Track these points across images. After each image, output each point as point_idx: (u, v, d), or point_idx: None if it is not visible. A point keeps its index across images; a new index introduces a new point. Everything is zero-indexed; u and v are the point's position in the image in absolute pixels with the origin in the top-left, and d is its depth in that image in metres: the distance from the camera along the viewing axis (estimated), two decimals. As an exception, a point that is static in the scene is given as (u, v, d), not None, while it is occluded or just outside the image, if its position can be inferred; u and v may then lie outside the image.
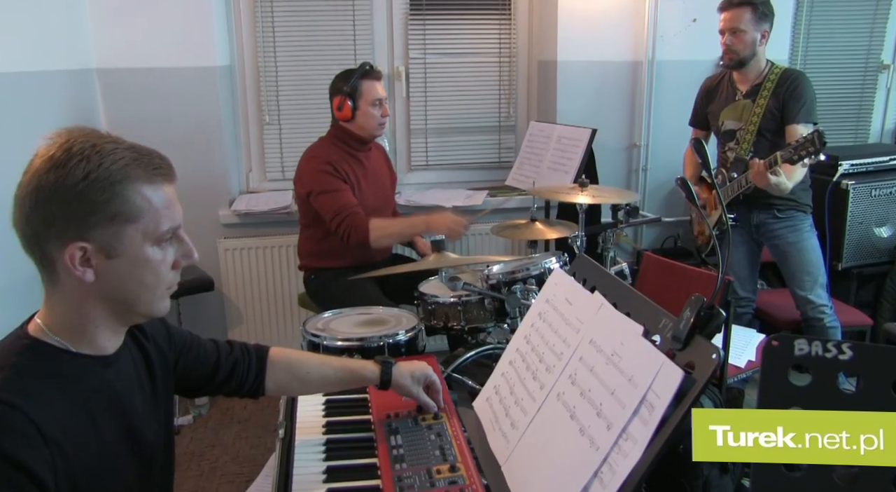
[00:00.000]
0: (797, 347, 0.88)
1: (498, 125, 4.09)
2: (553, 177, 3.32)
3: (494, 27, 3.96)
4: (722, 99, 3.20)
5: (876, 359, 0.85)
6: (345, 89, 2.86)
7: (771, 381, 0.89)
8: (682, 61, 3.92)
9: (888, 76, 4.40)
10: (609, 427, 1.09)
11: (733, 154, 3.13)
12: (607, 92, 3.91)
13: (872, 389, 0.85)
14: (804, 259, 3.09)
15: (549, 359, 1.36)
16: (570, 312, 1.39)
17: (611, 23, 3.82)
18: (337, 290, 2.92)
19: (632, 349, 1.13)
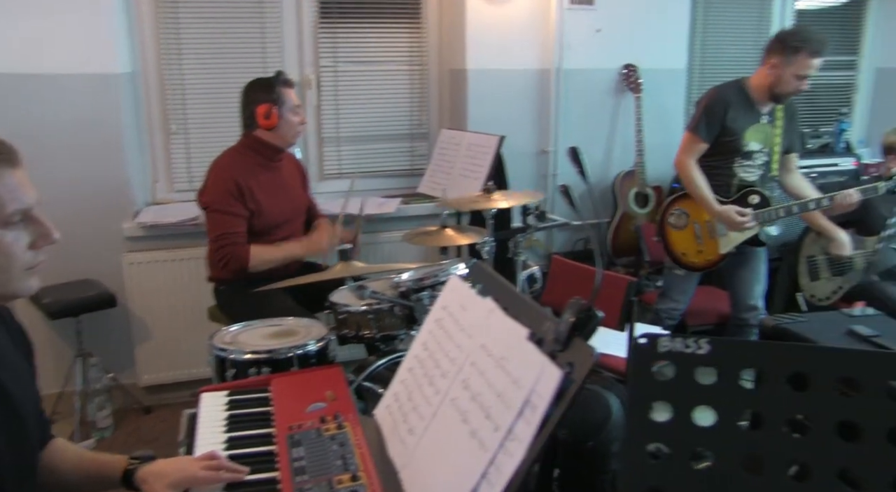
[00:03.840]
0: (661, 344, 0.93)
1: (410, 133, 4.12)
2: (464, 184, 3.37)
3: (405, 35, 4.00)
4: (744, 118, 3.14)
5: (730, 352, 0.91)
6: (271, 97, 2.85)
7: (639, 376, 0.94)
8: (587, 70, 4.05)
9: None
10: (496, 429, 1.12)
11: (754, 174, 3.18)
12: (517, 99, 4.00)
13: (726, 379, 0.90)
14: (765, 271, 3.31)
15: (445, 365, 1.39)
16: (465, 318, 1.42)
17: (519, 32, 3.91)
18: (248, 301, 2.88)
19: (518, 352, 1.17)
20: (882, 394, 0.84)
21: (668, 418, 0.92)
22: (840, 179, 4.24)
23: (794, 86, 2.99)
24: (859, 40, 4.95)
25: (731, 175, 3.14)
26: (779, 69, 2.99)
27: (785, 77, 2.98)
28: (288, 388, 1.82)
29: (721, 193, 3.14)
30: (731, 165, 3.13)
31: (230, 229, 2.81)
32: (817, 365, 0.86)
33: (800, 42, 2.95)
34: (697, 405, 0.92)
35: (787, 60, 2.96)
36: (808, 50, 2.94)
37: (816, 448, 0.85)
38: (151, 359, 3.57)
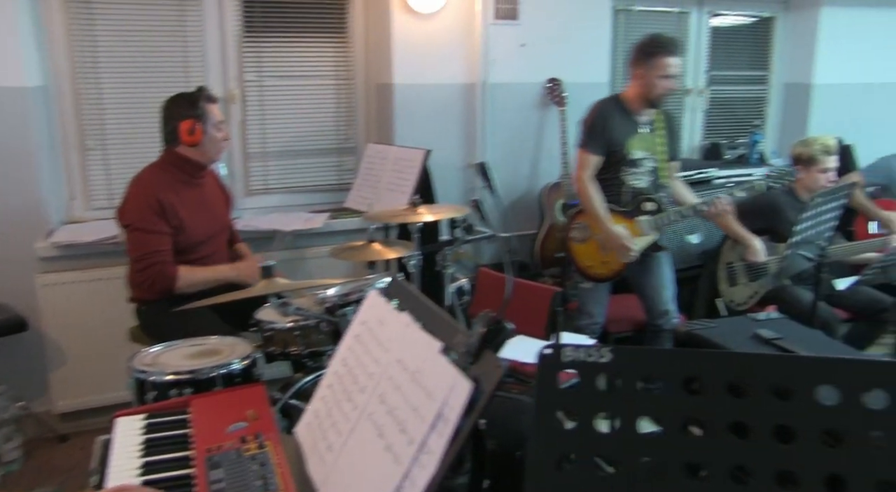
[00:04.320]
0: (565, 353, 0.95)
1: (338, 147, 4.11)
2: (390, 198, 3.37)
3: (331, 50, 3.99)
4: (624, 128, 3.25)
5: (631, 360, 0.94)
6: (195, 113, 2.79)
7: (544, 385, 0.96)
8: (512, 84, 4.11)
9: (691, 99, 4.86)
10: (411, 442, 1.12)
11: (644, 181, 3.28)
12: (444, 113, 4.03)
13: (627, 385, 0.93)
14: (672, 274, 3.40)
15: (363, 380, 1.38)
16: (383, 332, 1.42)
17: (444, 46, 3.95)
18: (172, 321, 2.81)
19: (431, 366, 1.18)
20: (770, 393, 0.88)
21: (573, 426, 0.94)
22: (754, 188, 4.42)
23: (663, 87, 3.14)
24: (769, 57, 5.18)
25: (622, 184, 3.25)
26: (644, 77, 3.14)
27: (652, 82, 3.13)
28: (208, 409, 1.78)
29: (616, 203, 3.24)
30: (619, 174, 3.25)
31: (154, 248, 2.73)
32: (710, 369, 0.90)
33: (654, 47, 3.12)
34: (601, 412, 0.95)
35: (648, 66, 3.12)
36: (662, 52, 3.11)
37: (714, 449, 0.89)
38: (67, 384, 3.43)
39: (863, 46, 5.11)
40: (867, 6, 5.02)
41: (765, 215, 3.55)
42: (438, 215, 2.97)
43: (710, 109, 4.98)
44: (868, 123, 5.10)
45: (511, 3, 4.03)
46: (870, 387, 0.88)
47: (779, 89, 5.23)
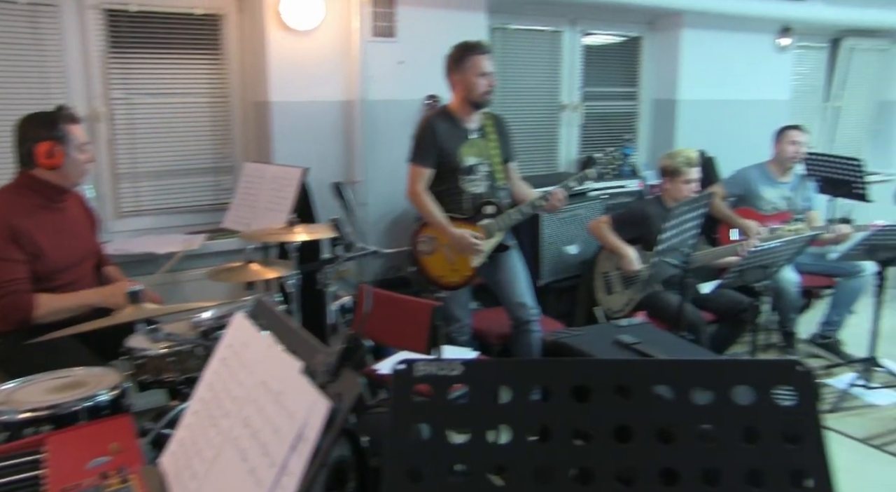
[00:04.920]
0: (418, 368, 0.96)
1: (214, 167, 4.00)
2: (269, 217, 3.31)
3: (205, 67, 3.88)
4: (454, 137, 3.31)
5: (481, 372, 0.96)
6: (54, 134, 2.63)
7: (399, 399, 0.96)
8: (391, 101, 4.14)
9: (567, 114, 5.06)
10: (272, 465, 1.10)
11: (481, 186, 3.34)
12: (323, 131, 4.01)
13: (479, 397, 0.95)
14: (524, 270, 3.47)
15: (228, 405, 1.35)
16: (247, 355, 1.39)
17: (322, 64, 3.93)
18: (31, 353, 2.63)
19: (293, 386, 1.17)
20: (612, 395, 0.92)
21: (428, 438, 0.95)
22: (628, 199, 4.64)
23: (483, 85, 3.24)
24: (638, 74, 5.47)
25: (461, 192, 3.32)
26: (463, 81, 3.24)
27: (471, 82, 3.22)
28: (66, 445, 1.68)
29: (457, 211, 3.31)
30: (456, 183, 3.31)
31: (8, 277, 2.56)
32: (555, 377, 0.93)
33: (463, 50, 3.24)
34: (455, 425, 0.96)
35: (463, 68, 3.22)
36: (473, 52, 3.23)
37: (563, 453, 0.92)
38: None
39: (721, 66, 5.49)
40: (723, 29, 5.39)
41: (636, 225, 3.73)
42: (315, 234, 2.95)
43: (585, 124, 5.19)
44: (727, 137, 5.48)
45: (388, 20, 4.07)
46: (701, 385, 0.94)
47: (648, 105, 5.53)
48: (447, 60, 3.29)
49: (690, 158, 3.80)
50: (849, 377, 3.90)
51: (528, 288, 3.45)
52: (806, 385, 0.92)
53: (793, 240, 3.32)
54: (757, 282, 3.43)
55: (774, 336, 4.53)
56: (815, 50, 6.35)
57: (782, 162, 4.52)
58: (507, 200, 3.42)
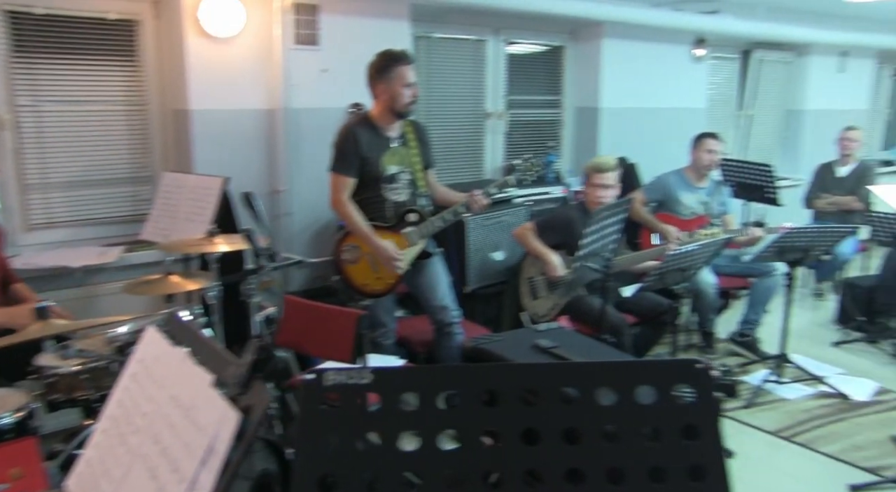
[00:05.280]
0: (327, 378, 0.96)
1: (132, 177, 3.88)
2: (189, 228, 3.23)
3: (120, 74, 3.77)
4: (376, 146, 3.29)
5: (391, 379, 0.96)
6: None
7: (307, 409, 0.95)
8: (315, 109, 4.11)
9: (492, 122, 5.12)
10: (181, 481, 1.08)
11: (404, 194, 3.34)
12: (246, 140, 3.94)
13: (389, 403, 0.95)
14: (445, 275, 3.48)
15: (138, 421, 1.31)
16: (159, 369, 1.35)
17: (244, 72, 3.87)
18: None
19: (204, 400, 1.14)
20: (517, 400, 0.94)
21: (338, 447, 0.95)
22: (552, 205, 4.72)
23: (408, 96, 3.24)
24: (561, 83, 5.58)
25: (383, 200, 3.32)
26: (388, 91, 3.22)
27: (396, 92, 3.21)
28: (-35, 471, 1.60)
29: (380, 220, 3.30)
30: (378, 191, 3.29)
31: None
32: (462, 382, 0.94)
33: (390, 60, 3.23)
34: (367, 432, 0.96)
35: (389, 79, 3.21)
36: (399, 62, 3.22)
37: (470, 459, 0.93)
38: None
39: (640, 75, 5.67)
40: (642, 40, 5.56)
41: (559, 231, 3.79)
42: (235, 244, 2.89)
43: (509, 132, 5.26)
44: (648, 144, 5.65)
45: (311, 28, 4.04)
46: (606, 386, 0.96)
47: (571, 113, 5.65)
48: (370, 69, 3.28)
49: (600, 164, 3.90)
50: (762, 374, 4.06)
51: (449, 292, 3.47)
52: (704, 383, 0.96)
53: (709, 243, 3.43)
54: (676, 284, 3.54)
55: (695, 336, 4.68)
56: (728, 61, 6.62)
57: (699, 169, 4.68)
58: (429, 208, 3.43)
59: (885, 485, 3.06)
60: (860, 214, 5.30)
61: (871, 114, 8.10)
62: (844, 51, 7.22)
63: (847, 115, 6.99)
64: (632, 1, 5.21)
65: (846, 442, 3.44)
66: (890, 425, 3.62)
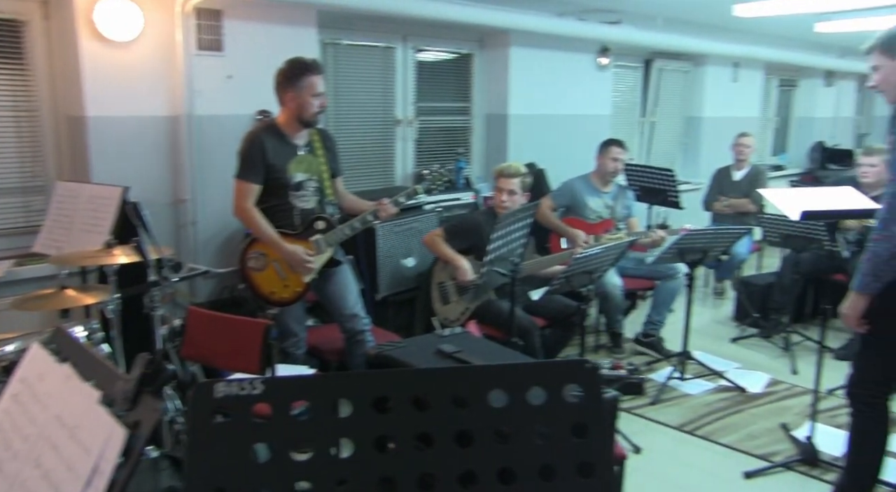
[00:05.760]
0: (217, 390, 0.94)
1: (23, 186, 3.69)
2: (86, 239, 3.10)
3: (7, 78, 3.58)
4: (283, 153, 3.24)
5: (283, 389, 0.95)
6: None
7: (197, 423, 0.93)
8: (221, 116, 4.02)
9: (402, 129, 5.14)
10: (65, 505, 1.03)
11: (311, 202, 3.30)
12: (147, 148, 3.82)
13: (280, 413, 0.94)
14: (354, 283, 3.47)
15: (18, 445, 1.24)
16: (42, 388, 1.29)
17: (144, 78, 3.75)
18: None
19: (90, 418, 1.10)
20: (410, 405, 0.94)
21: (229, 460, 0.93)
22: (462, 211, 4.77)
23: (316, 105, 3.22)
24: (470, 90, 5.65)
25: (291, 208, 3.28)
26: (296, 99, 3.20)
27: (304, 102, 3.19)
28: None
29: (288, 228, 3.27)
30: (286, 199, 3.25)
31: None
32: (354, 389, 0.94)
33: (300, 69, 3.21)
34: (260, 443, 0.95)
35: (297, 87, 3.18)
36: (310, 72, 3.20)
37: (361, 466, 0.92)
38: None
39: (548, 82, 5.80)
40: (548, 48, 5.70)
41: (468, 236, 3.83)
42: (135, 256, 2.79)
43: (420, 139, 5.29)
44: (556, 150, 5.79)
45: (215, 34, 3.95)
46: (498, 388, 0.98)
47: (481, 119, 5.72)
48: (279, 76, 3.23)
49: (502, 169, 3.97)
50: (667, 371, 4.21)
51: (358, 300, 3.46)
52: (592, 382, 0.99)
53: (612, 246, 3.54)
54: (583, 287, 3.63)
55: (603, 337, 4.82)
56: (631, 69, 6.87)
57: (604, 174, 4.83)
58: (337, 215, 3.41)
59: (776, 469, 3.24)
60: (754, 216, 5.58)
61: (761, 121, 8.58)
62: (737, 62, 7.61)
63: (740, 122, 7.36)
64: (538, 10, 5.33)
65: (742, 432, 3.61)
66: (780, 413, 3.84)
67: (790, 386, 4.22)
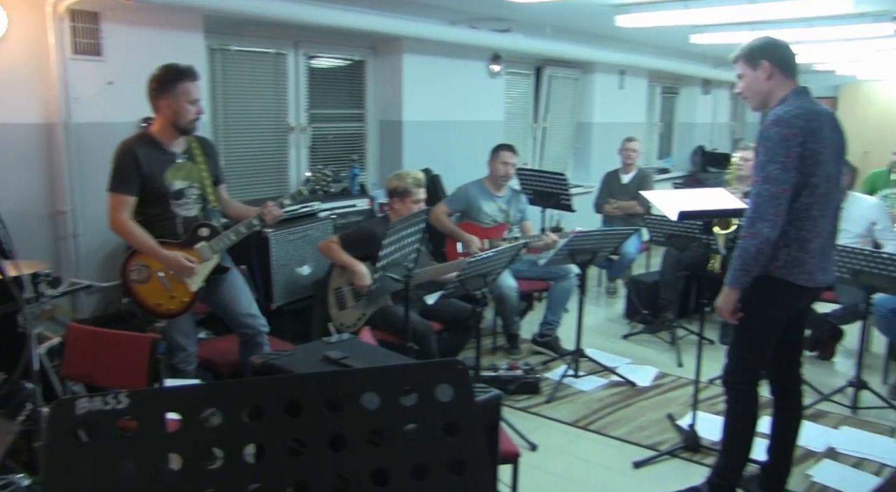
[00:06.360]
0: (79, 406, 0.91)
1: None
2: (-51, 255, 2.90)
3: None
4: (159, 162, 3.14)
5: (149, 401, 0.93)
6: None
7: (56, 440, 0.90)
8: (102, 123, 3.85)
9: (295, 136, 5.08)
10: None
11: (194, 209, 3.22)
12: (19, 157, 3.61)
13: (148, 425, 0.92)
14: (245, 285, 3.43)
15: None
16: None
17: (13, 83, 3.55)
18: None
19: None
20: (282, 412, 0.94)
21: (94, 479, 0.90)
22: (358, 218, 4.76)
23: (193, 112, 3.15)
24: (364, 96, 5.65)
25: (173, 217, 3.20)
26: (172, 106, 3.11)
27: (181, 109, 3.11)
28: None
29: (171, 237, 3.19)
30: (167, 208, 3.17)
31: None
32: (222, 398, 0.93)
33: (175, 75, 3.12)
34: (125, 460, 0.92)
35: (173, 93, 3.10)
36: (185, 78, 3.13)
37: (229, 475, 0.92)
38: None
39: (441, 89, 5.87)
40: (441, 55, 5.77)
41: (364, 244, 3.82)
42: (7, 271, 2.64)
43: (313, 146, 5.24)
44: (450, 155, 5.87)
45: (92, 37, 3.79)
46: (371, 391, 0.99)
47: (375, 126, 5.73)
48: (152, 82, 3.12)
49: (418, 179, 4.00)
50: (562, 369, 4.34)
51: (252, 302, 3.40)
52: (463, 382, 1.02)
53: (505, 249, 3.62)
54: (478, 290, 3.69)
55: (500, 339, 4.92)
56: (522, 76, 7.04)
57: (496, 179, 4.94)
58: (221, 222, 3.34)
59: (662, 457, 3.40)
60: (641, 218, 5.84)
61: (647, 127, 8.99)
62: (622, 70, 7.95)
63: (627, 127, 7.71)
64: (430, 18, 5.39)
65: (632, 424, 3.77)
66: (667, 405, 4.03)
67: (676, 378, 4.43)
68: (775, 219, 2.53)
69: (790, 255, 2.61)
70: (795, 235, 2.60)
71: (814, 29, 5.77)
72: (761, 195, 2.55)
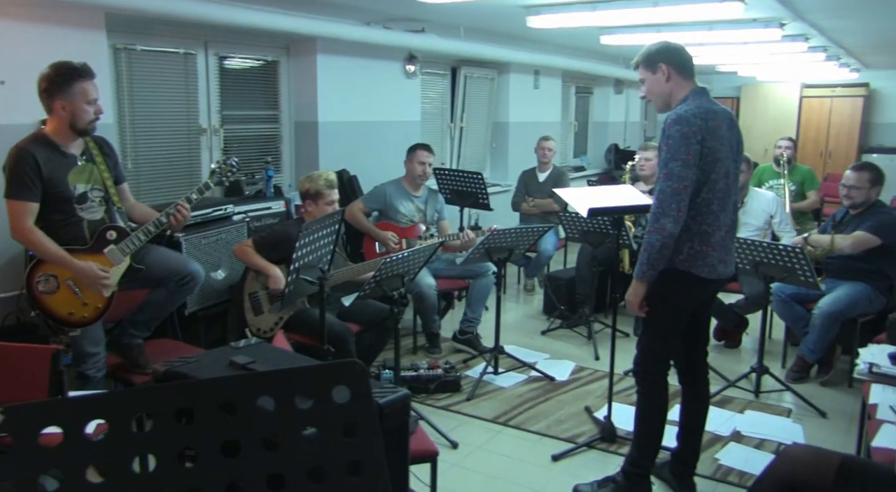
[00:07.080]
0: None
1: None
2: None
3: None
4: (59, 165, 3.01)
5: (23, 416, 0.89)
6: None
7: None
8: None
9: (207, 138, 4.96)
10: None
11: (98, 212, 3.12)
12: None
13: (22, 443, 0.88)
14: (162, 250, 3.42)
15: None
16: None
17: None
18: None
19: None
20: (172, 420, 0.92)
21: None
22: (273, 221, 4.68)
23: (90, 113, 3.03)
24: (278, 97, 5.55)
25: (78, 221, 3.08)
26: (69, 107, 2.98)
27: (78, 109, 2.99)
28: None
29: (78, 242, 3.07)
30: (72, 212, 3.06)
31: None
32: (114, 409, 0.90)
33: (71, 74, 2.98)
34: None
35: (70, 94, 2.96)
36: (79, 77, 2.99)
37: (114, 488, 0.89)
38: None
39: (357, 89, 5.83)
40: (356, 55, 5.73)
41: (279, 247, 3.76)
42: None
43: (226, 147, 5.12)
44: (367, 156, 5.84)
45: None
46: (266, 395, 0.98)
47: (290, 127, 5.64)
48: (44, 82, 2.96)
49: (331, 181, 3.95)
50: (482, 367, 4.39)
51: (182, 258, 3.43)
52: (361, 383, 1.01)
53: (420, 249, 3.63)
54: (395, 290, 3.68)
55: (421, 338, 4.93)
56: (438, 76, 7.07)
57: (413, 178, 4.95)
58: (128, 224, 3.23)
59: (580, 449, 3.48)
60: (557, 215, 5.95)
61: (562, 126, 9.18)
62: (537, 70, 8.09)
63: (543, 126, 7.84)
64: (344, 18, 5.35)
65: (551, 418, 3.84)
66: (584, 397, 4.13)
67: (593, 371, 4.54)
68: (678, 214, 2.62)
69: (693, 248, 2.71)
70: (697, 230, 2.70)
71: (713, 32, 6.02)
72: (664, 191, 2.64)
